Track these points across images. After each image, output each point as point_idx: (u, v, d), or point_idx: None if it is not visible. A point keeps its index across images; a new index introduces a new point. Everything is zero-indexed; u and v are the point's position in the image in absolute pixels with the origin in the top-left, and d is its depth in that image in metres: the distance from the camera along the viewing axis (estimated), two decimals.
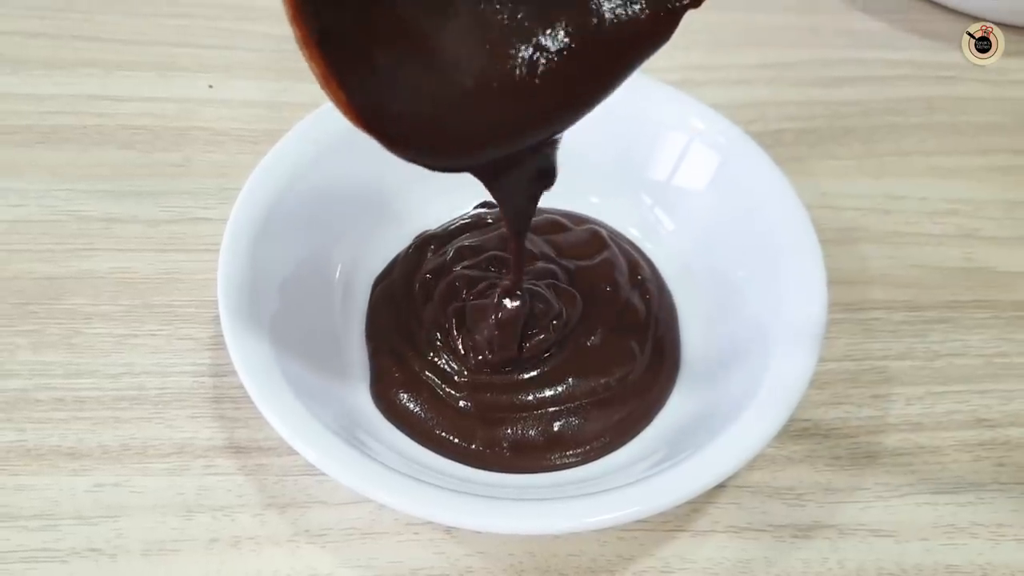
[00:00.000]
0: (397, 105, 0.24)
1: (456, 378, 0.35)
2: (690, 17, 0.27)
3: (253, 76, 0.48)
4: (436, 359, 0.35)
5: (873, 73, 0.51)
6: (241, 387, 0.30)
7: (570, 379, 0.35)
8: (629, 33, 0.25)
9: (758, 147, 0.37)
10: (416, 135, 0.25)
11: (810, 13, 0.55)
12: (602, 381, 0.35)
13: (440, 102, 0.25)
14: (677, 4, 0.25)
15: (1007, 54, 0.51)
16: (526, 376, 0.35)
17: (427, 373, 0.35)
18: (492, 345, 0.35)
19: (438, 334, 0.36)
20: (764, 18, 0.54)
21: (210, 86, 0.47)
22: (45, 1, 0.50)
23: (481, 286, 0.37)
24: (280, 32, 0.49)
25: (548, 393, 0.35)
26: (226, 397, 0.35)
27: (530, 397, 0.35)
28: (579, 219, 0.41)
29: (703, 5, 0.26)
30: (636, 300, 0.38)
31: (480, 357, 0.35)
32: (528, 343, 0.35)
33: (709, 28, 0.52)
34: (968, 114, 0.50)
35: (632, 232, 0.40)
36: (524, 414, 0.34)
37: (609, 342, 0.36)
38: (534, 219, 0.40)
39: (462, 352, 0.35)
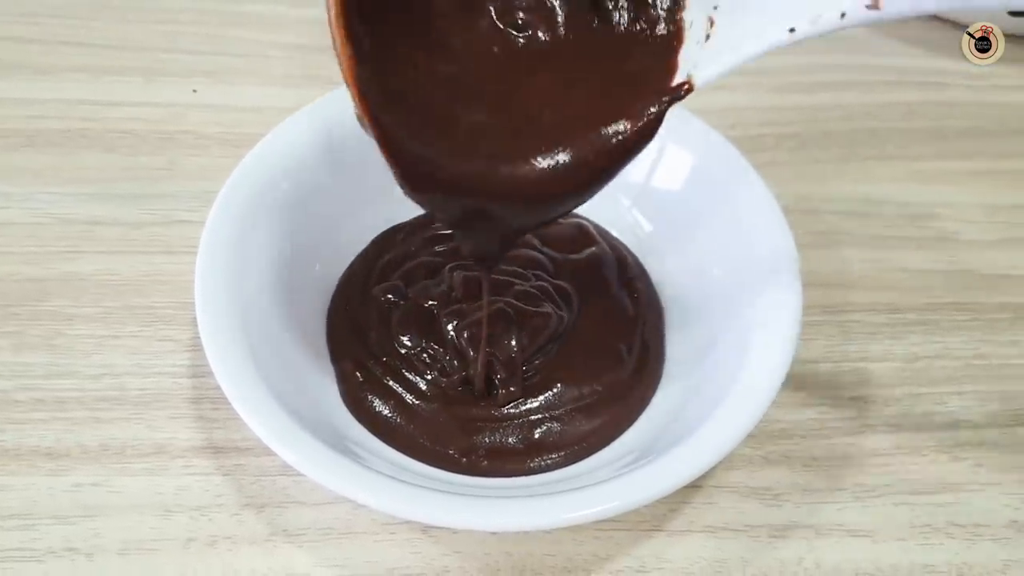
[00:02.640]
0: (427, 160, 0.28)
1: (422, 387, 0.35)
2: None
3: (238, 81, 0.48)
4: (393, 363, 0.35)
5: (855, 78, 0.52)
6: (220, 388, 0.30)
7: (558, 386, 0.35)
8: (616, 141, 0.28)
9: (733, 148, 0.37)
10: (429, 179, 0.28)
11: None
12: (589, 388, 0.35)
13: (456, 163, 0.28)
14: (662, 104, 0.28)
15: None
16: (510, 388, 0.35)
17: (389, 381, 0.35)
18: (452, 377, 0.35)
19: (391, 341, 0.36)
20: None
21: (195, 91, 0.47)
22: (33, 6, 0.51)
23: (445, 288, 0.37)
24: (265, 39, 0.50)
25: (533, 404, 0.35)
26: (205, 398, 0.35)
27: (512, 409, 0.35)
28: None
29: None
30: (624, 298, 0.37)
31: (443, 378, 0.35)
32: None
33: None
34: (950, 119, 0.50)
35: (610, 233, 0.40)
36: (504, 423, 0.34)
37: (598, 345, 0.36)
38: None
39: (419, 368, 0.35)
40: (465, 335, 0.35)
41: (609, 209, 0.40)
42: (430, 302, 0.36)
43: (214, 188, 0.36)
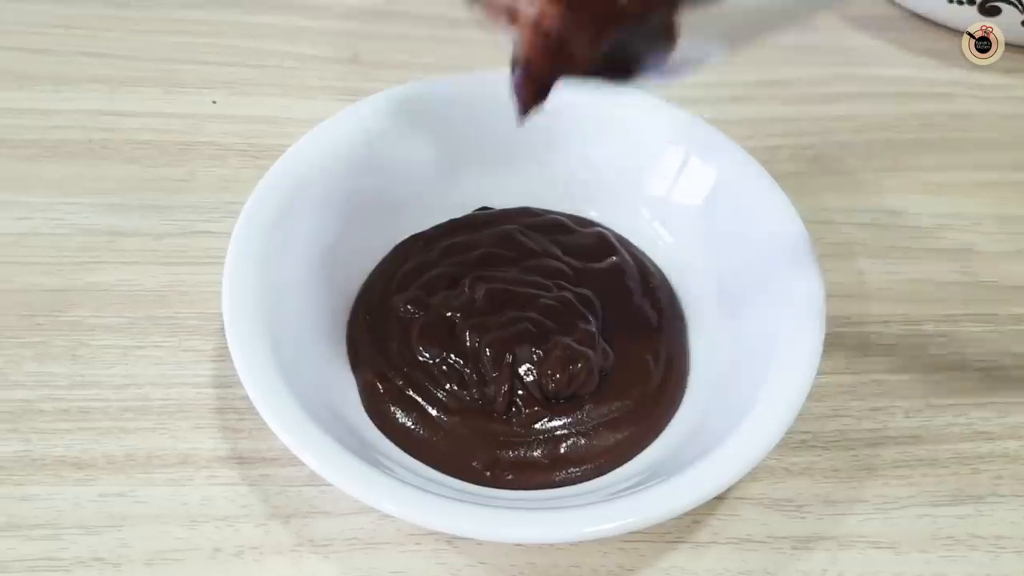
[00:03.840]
0: None
1: (444, 400, 0.34)
2: None
3: (256, 92, 0.48)
4: (414, 375, 0.35)
5: (869, 90, 0.52)
6: (245, 398, 0.30)
7: (585, 401, 0.35)
8: None
9: (755, 162, 0.38)
10: None
11: (805, 31, 0.55)
12: (618, 402, 0.35)
13: None
14: None
15: (1003, 71, 0.52)
16: (536, 407, 0.35)
17: (410, 392, 0.34)
18: (470, 388, 0.34)
19: (412, 348, 0.35)
20: None
21: (214, 102, 0.47)
22: (51, 18, 0.51)
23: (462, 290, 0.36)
24: (282, 49, 0.50)
25: (560, 421, 0.34)
26: (230, 408, 0.35)
27: (537, 425, 0.34)
28: (585, 222, 0.40)
29: None
30: (648, 309, 0.37)
31: (464, 391, 0.35)
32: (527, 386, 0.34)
33: None
34: (964, 130, 0.50)
35: (632, 243, 0.40)
36: (530, 439, 0.34)
37: (625, 358, 0.36)
38: (536, 219, 0.40)
39: (441, 380, 0.35)
40: (488, 353, 0.34)
41: (630, 222, 0.40)
42: (450, 313, 0.36)
43: (233, 199, 0.36)
